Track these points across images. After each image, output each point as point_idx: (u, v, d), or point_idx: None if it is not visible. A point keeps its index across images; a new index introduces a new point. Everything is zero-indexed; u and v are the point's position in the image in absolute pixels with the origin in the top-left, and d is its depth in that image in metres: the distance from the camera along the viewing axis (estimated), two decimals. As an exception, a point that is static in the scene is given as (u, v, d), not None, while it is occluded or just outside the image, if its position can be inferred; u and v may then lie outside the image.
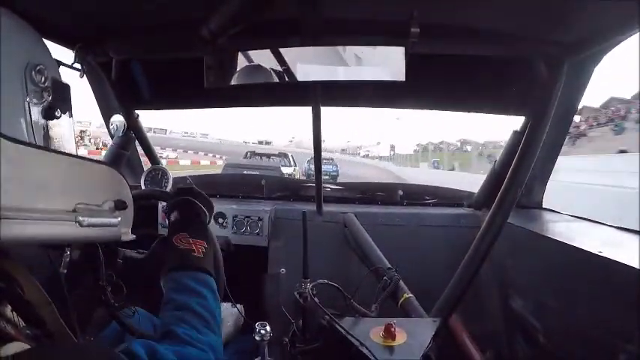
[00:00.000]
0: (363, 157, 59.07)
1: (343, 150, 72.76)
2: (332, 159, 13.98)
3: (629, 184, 5.98)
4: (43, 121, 0.55)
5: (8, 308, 0.50)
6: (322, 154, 1.51)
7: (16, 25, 0.53)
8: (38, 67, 0.54)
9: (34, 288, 0.53)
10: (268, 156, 11.07)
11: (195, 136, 51.96)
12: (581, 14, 0.96)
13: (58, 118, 0.57)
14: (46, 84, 0.55)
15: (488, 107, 1.50)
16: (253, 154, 11.31)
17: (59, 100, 0.58)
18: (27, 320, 0.52)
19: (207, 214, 0.83)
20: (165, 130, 49.83)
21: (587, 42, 1.06)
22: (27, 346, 0.44)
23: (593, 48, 1.09)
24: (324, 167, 1.66)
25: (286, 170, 8.82)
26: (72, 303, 0.59)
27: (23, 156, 0.44)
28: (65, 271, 0.59)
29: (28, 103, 0.52)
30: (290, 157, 10.92)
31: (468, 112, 1.60)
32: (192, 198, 0.82)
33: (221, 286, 0.87)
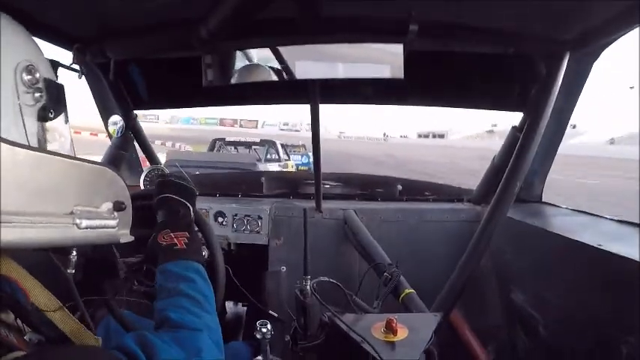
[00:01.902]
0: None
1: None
2: (304, 145, 10.64)
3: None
4: (37, 122, 0.53)
5: (11, 315, 0.50)
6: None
7: (5, 23, 0.51)
8: (29, 67, 0.52)
9: (40, 291, 0.53)
10: (247, 145, 7.99)
11: (299, 130, 39.44)
12: (580, 10, 0.96)
13: (52, 119, 0.55)
14: (38, 84, 0.53)
15: (488, 103, 1.50)
16: (224, 143, 8.04)
17: (53, 101, 0.56)
18: (32, 326, 0.51)
19: (189, 204, 0.83)
20: (257, 121, 40.76)
21: (586, 38, 1.06)
22: None
23: (593, 43, 1.09)
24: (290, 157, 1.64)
25: (272, 167, 6.19)
26: (83, 303, 0.59)
27: (19, 159, 0.43)
28: (73, 271, 0.59)
29: (20, 105, 0.50)
30: (279, 147, 7.73)
31: (467, 108, 1.61)
32: (171, 193, 0.82)
33: (220, 270, 0.89)
